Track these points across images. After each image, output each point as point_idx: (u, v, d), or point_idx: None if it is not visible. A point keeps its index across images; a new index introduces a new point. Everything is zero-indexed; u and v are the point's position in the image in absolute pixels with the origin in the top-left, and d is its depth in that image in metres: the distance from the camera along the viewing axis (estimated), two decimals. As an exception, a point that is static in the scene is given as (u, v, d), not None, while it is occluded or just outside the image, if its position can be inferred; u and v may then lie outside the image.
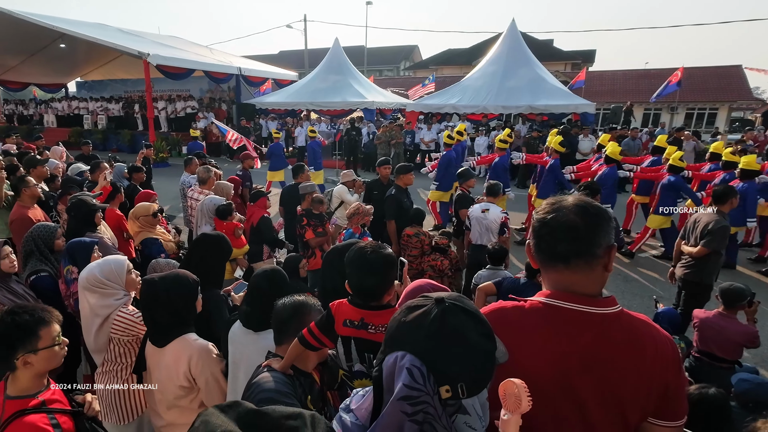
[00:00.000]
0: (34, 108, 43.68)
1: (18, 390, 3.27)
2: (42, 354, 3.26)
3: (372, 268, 3.35)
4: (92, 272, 4.68)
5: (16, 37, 33.21)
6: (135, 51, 28.63)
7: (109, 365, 4.65)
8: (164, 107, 36.52)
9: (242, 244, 8.62)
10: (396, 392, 1.74)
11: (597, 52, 65.55)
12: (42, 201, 8.89)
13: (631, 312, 2.42)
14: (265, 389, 2.85)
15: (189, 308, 4.04)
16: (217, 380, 3.93)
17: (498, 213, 9.24)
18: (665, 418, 2.34)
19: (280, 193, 11.30)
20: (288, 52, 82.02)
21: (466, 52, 63.83)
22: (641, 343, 2.31)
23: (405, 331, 1.90)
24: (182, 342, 3.92)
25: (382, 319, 3.30)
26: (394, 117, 34.06)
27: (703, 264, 8.26)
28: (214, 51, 42.02)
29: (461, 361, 1.81)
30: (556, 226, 2.36)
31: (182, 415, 4.04)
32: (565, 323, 2.34)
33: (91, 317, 4.58)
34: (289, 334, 3.18)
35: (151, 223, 7.81)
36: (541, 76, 28.30)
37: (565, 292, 2.38)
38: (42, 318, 3.33)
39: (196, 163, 12.29)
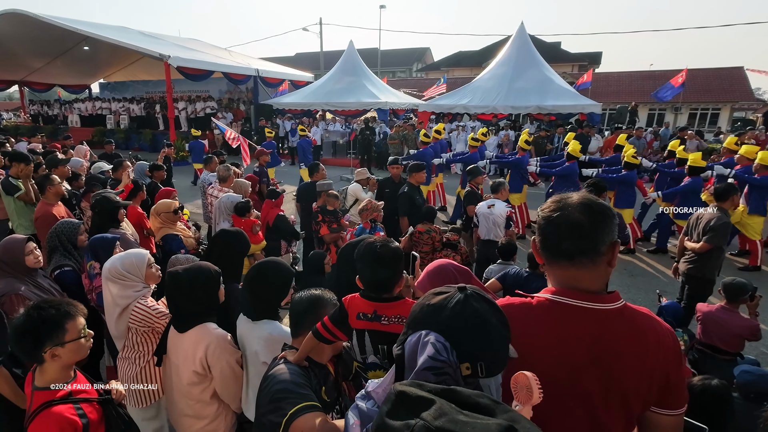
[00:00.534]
0: (59, 108, 43.81)
1: (46, 381, 3.28)
2: (69, 346, 3.28)
3: (383, 260, 3.37)
4: (114, 264, 4.72)
5: (42, 40, 33.30)
6: (156, 53, 28.65)
7: (127, 352, 4.70)
8: (184, 107, 36.51)
9: (259, 240, 8.63)
10: (421, 363, 1.75)
11: (603, 54, 65.28)
12: (65, 199, 8.96)
13: (634, 306, 2.45)
14: (281, 380, 2.84)
15: (211, 297, 4.08)
16: (232, 369, 3.93)
17: (503, 207, 9.34)
18: (667, 407, 2.38)
19: (297, 190, 11.30)
20: (304, 54, 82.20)
21: (476, 54, 63.85)
22: (644, 336, 2.35)
23: (429, 313, 1.94)
24: (202, 329, 3.94)
25: (394, 311, 3.33)
26: (406, 117, 34.06)
27: (705, 259, 8.28)
28: (232, 53, 41.97)
29: (481, 342, 1.84)
30: (561, 224, 2.37)
31: (193, 406, 4.06)
32: (571, 319, 2.36)
33: (113, 306, 4.63)
34: (304, 326, 3.17)
35: (171, 220, 7.82)
36: (549, 78, 28.27)
37: (569, 289, 2.40)
38: (68, 312, 3.35)
39: (216, 162, 12.35)
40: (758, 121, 40.35)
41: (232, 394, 4.00)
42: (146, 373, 4.66)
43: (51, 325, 3.24)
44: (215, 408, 4.07)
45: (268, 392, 2.85)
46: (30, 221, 8.62)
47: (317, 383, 3.00)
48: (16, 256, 5.11)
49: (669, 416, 2.41)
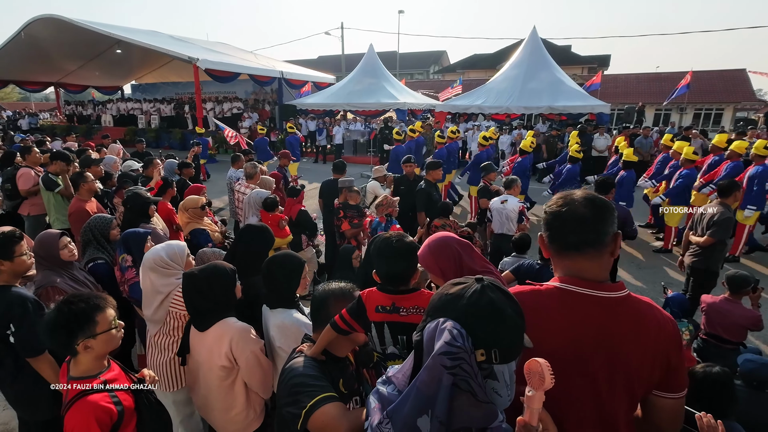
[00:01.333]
0: (93, 109, 43.91)
1: (81, 371, 3.31)
2: (100, 338, 3.30)
3: (400, 254, 3.42)
4: (158, 254, 4.80)
5: (77, 44, 33.50)
6: (185, 56, 28.73)
7: (161, 338, 4.72)
8: (212, 108, 36.68)
9: (286, 234, 8.66)
10: (437, 348, 1.81)
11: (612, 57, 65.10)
12: (98, 195, 9.03)
13: (637, 296, 2.53)
14: (297, 374, 2.85)
15: (228, 295, 4.09)
16: (257, 358, 3.95)
17: (516, 203, 9.43)
18: (668, 390, 2.48)
19: (320, 187, 11.35)
20: (326, 57, 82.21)
21: (490, 56, 63.71)
22: (646, 323, 2.44)
23: (447, 301, 1.99)
24: (223, 325, 3.96)
25: (412, 302, 3.36)
26: (424, 117, 34.02)
27: (709, 253, 8.31)
28: (258, 56, 42.03)
29: (496, 330, 1.88)
30: (568, 218, 2.46)
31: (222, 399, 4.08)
32: (579, 306, 2.44)
33: (153, 294, 4.66)
34: (321, 319, 3.17)
35: (199, 215, 7.86)
36: (560, 79, 28.16)
37: (576, 278, 2.49)
38: (97, 305, 3.37)
39: (243, 160, 12.40)
40: (760, 120, 40.45)
41: (259, 381, 4.01)
42: (175, 366, 4.67)
43: (82, 319, 3.26)
44: (243, 398, 4.09)
45: (286, 385, 2.86)
46: (65, 216, 8.67)
47: (335, 375, 2.99)
48: (51, 250, 5.15)
49: (670, 399, 2.50)
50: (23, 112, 48.22)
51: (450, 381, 1.79)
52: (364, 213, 9.24)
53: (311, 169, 26.98)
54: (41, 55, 34.62)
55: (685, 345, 6.71)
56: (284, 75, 36.70)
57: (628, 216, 8.56)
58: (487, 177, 11.43)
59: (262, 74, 34.92)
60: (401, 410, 1.92)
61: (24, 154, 10.70)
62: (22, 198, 10.08)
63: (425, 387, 1.84)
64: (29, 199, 9.99)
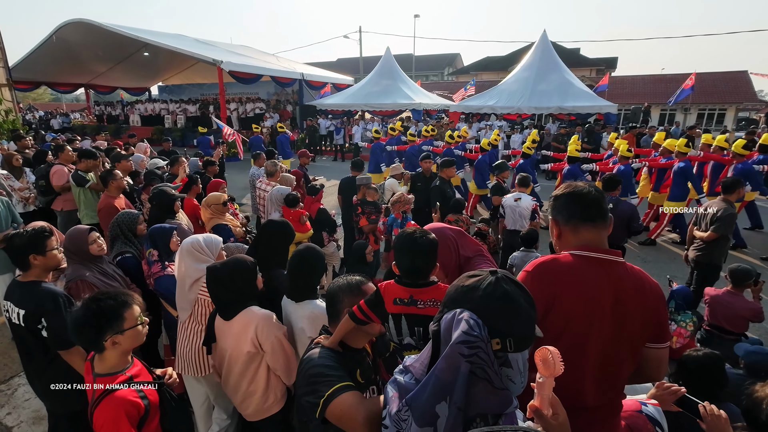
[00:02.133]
0: (121, 109, 44.14)
1: (106, 368, 3.32)
2: (128, 334, 3.31)
3: (422, 249, 3.41)
4: (197, 239, 4.89)
5: (106, 47, 33.79)
6: (210, 59, 28.97)
7: (189, 324, 4.78)
8: (236, 108, 36.91)
9: (307, 229, 8.67)
10: (455, 337, 1.85)
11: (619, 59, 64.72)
12: (127, 192, 9.11)
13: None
14: (315, 364, 2.83)
15: (250, 287, 4.14)
16: (281, 342, 3.99)
17: (529, 201, 9.42)
18: (657, 341, 2.91)
19: (339, 185, 11.39)
20: (345, 60, 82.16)
21: (502, 59, 63.39)
22: (643, 284, 2.88)
23: (463, 293, 2.01)
24: (248, 313, 4.01)
25: (429, 295, 3.36)
26: (438, 117, 34.03)
27: (712, 247, 8.33)
28: (279, 58, 42.19)
29: (510, 320, 1.91)
30: (585, 198, 2.93)
31: (246, 383, 4.12)
32: (595, 269, 2.82)
33: (185, 278, 4.72)
34: (335, 312, 3.17)
35: (221, 211, 7.83)
36: (569, 81, 28.22)
37: (588, 247, 2.89)
38: (125, 301, 3.37)
39: (264, 158, 12.42)
40: (761, 120, 40.50)
41: (283, 365, 4.04)
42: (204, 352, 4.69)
43: (110, 315, 3.27)
44: (265, 383, 4.12)
45: (304, 375, 2.85)
46: (95, 211, 8.72)
47: (352, 366, 2.98)
48: (80, 245, 5.17)
49: (659, 349, 2.93)
50: (55, 113, 48.51)
51: (467, 368, 1.81)
52: (381, 209, 9.28)
53: (330, 167, 27.07)
54: (72, 57, 34.97)
55: (689, 336, 6.73)
56: (305, 77, 36.99)
57: (634, 212, 8.54)
58: (501, 175, 11.44)
59: (283, 76, 35.13)
60: (420, 398, 1.94)
61: (57, 152, 10.81)
62: (56, 194, 10.16)
63: (443, 374, 1.87)
64: (62, 195, 10.06)
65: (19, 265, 4.39)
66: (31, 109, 49.59)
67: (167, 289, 5.21)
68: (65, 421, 4.47)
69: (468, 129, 26.48)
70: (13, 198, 9.80)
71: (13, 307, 4.26)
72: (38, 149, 12.95)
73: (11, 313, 4.27)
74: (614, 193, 8.74)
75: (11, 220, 7.69)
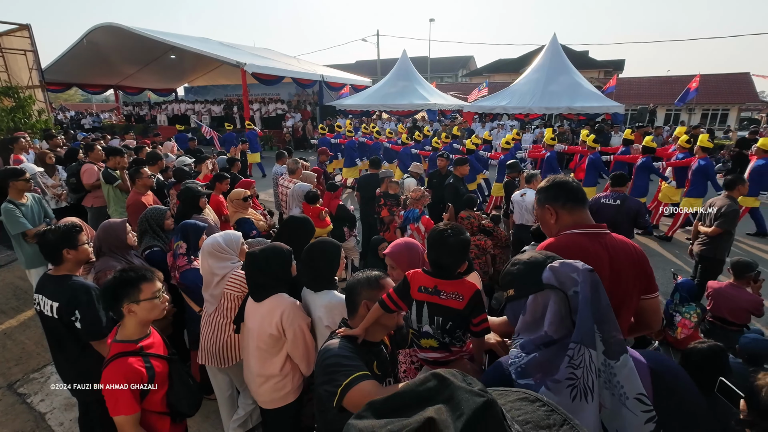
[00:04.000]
0: (148, 109, 44.42)
1: (124, 335, 3.56)
2: (143, 305, 3.53)
3: (450, 249, 3.40)
4: (216, 240, 4.95)
5: (135, 50, 33.99)
6: (234, 61, 29.04)
7: (214, 317, 4.84)
8: (258, 108, 36.93)
9: (326, 225, 8.75)
10: (580, 266, 2.18)
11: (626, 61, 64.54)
12: (157, 188, 9.23)
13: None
14: (332, 354, 2.86)
15: (285, 271, 4.23)
16: (303, 332, 4.01)
17: (534, 196, 9.24)
18: (648, 292, 3.33)
19: (357, 182, 11.50)
20: (363, 62, 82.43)
21: (514, 61, 63.15)
22: (629, 246, 3.30)
23: (532, 266, 2.38)
24: (278, 298, 4.07)
25: (453, 288, 3.36)
26: (453, 117, 34.05)
27: (716, 242, 8.36)
28: (300, 61, 42.25)
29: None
30: (573, 186, 3.42)
31: (265, 365, 4.16)
32: (591, 239, 3.24)
33: (211, 275, 4.82)
34: (357, 303, 3.18)
35: (243, 206, 7.95)
36: (578, 82, 28.15)
37: (583, 224, 3.35)
38: (144, 275, 3.60)
39: (286, 156, 12.48)
40: (762, 120, 40.56)
41: (302, 354, 4.06)
42: (231, 341, 4.80)
43: (128, 285, 3.51)
44: (284, 368, 4.15)
45: (322, 365, 2.86)
46: (124, 208, 8.82)
47: (369, 359, 3.00)
48: (119, 234, 5.40)
49: (652, 299, 3.35)
50: (86, 113, 48.77)
51: (598, 277, 2.15)
52: (401, 201, 9.46)
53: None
54: (102, 60, 35.13)
55: (693, 327, 6.75)
56: (324, 78, 36.98)
57: (641, 208, 8.53)
58: (514, 173, 11.54)
59: (304, 77, 35.06)
60: (585, 326, 2.08)
61: (87, 151, 10.90)
62: (86, 191, 10.23)
63: (589, 293, 2.11)
64: (92, 192, 10.13)
65: (52, 260, 4.46)
66: (62, 109, 49.85)
67: (193, 282, 5.27)
68: (96, 404, 4.50)
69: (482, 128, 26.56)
70: (46, 194, 9.91)
71: (45, 300, 4.31)
72: (70, 147, 13.02)
73: (43, 306, 4.33)
74: (622, 190, 8.69)
75: (44, 216, 7.77)
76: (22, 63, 20.73)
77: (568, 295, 2.15)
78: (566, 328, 2.14)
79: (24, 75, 20.75)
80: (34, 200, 7.68)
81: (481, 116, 31.25)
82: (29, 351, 7.48)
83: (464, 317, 3.32)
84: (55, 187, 10.33)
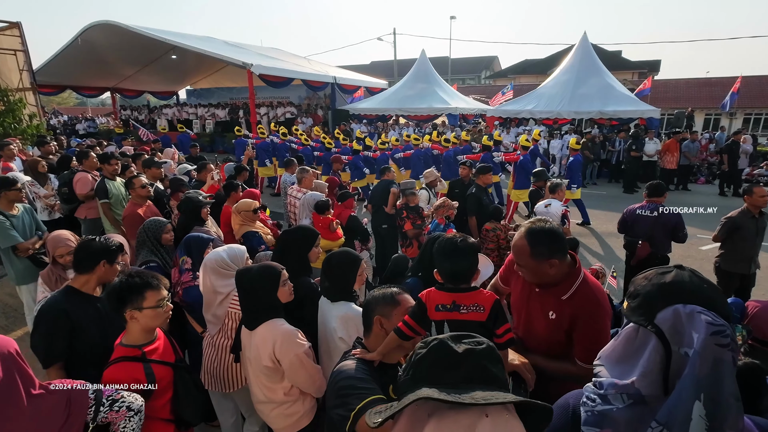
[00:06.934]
0: (147, 113, 44.69)
1: (128, 340, 3.74)
2: (146, 312, 3.69)
3: (464, 253, 3.46)
4: (219, 255, 4.95)
5: (133, 50, 34.10)
6: (240, 62, 29.02)
7: (218, 339, 4.85)
8: (266, 113, 37.04)
9: (337, 237, 8.67)
10: (704, 330, 1.79)
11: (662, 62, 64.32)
12: (157, 198, 9.24)
13: None
14: (346, 376, 2.87)
15: (271, 296, 4.12)
16: (300, 361, 3.97)
17: (559, 206, 9.46)
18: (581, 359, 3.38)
19: (370, 192, 11.49)
20: (379, 63, 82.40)
21: (541, 62, 63.14)
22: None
23: (670, 288, 2.00)
24: (269, 326, 4.03)
25: (471, 300, 3.39)
26: (475, 122, 34.01)
27: (726, 254, 8.64)
28: (311, 61, 42.39)
29: (726, 306, 1.96)
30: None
31: (269, 394, 4.14)
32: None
33: (213, 294, 4.80)
34: (372, 321, 3.23)
35: (251, 219, 7.88)
36: (610, 84, 28.00)
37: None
38: (149, 282, 3.75)
39: (296, 165, 12.46)
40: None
41: (305, 381, 4.05)
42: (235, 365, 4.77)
43: (133, 291, 3.66)
44: (290, 393, 4.12)
45: (335, 388, 2.87)
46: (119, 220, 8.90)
47: (384, 382, 2.99)
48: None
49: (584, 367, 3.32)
50: (80, 117, 49.00)
51: (730, 357, 1.79)
52: (424, 215, 9.43)
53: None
54: (98, 60, 35.34)
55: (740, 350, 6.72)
56: (337, 80, 37.07)
57: (680, 220, 8.51)
58: (538, 183, 11.57)
59: (315, 79, 35.15)
60: (677, 407, 1.78)
61: (81, 159, 10.85)
62: (79, 202, 10.23)
63: (701, 371, 1.77)
64: (86, 203, 10.13)
65: (81, 266, 4.48)
66: (55, 113, 50.16)
67: (196, 299, 5.23)
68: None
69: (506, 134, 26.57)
70: (37, 205, 9.93)
71: None
72: (63, 154, 13.03)
73: None
74: (660, 200, 8.67)
75: (35, 228, 7.79)
76: (11, 64, 20.84)
77: (673, 352, 1.90)
78: (660, 388, 1.93)
79: (14, 76, 20.84)
80: (26, 211, 7.68)
81: (505, 121, 30.91)
82: (19, 374, 7.37)
83: (488, 330, 3.32)
84: (48, 197, 10.28)
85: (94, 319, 4.30)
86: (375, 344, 3.17)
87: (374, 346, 3.16)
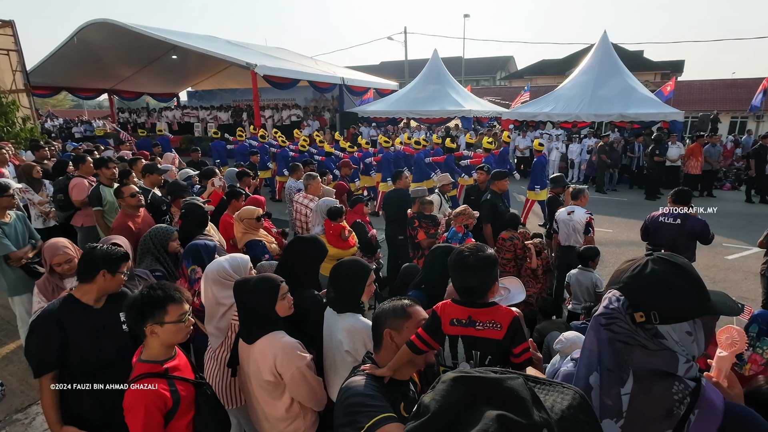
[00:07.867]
0: (146, 116, 44.75)
1: (149, 355, 3.66)
2: (167, 327, 3.61)
3: (472, 269, 3.42)
4: (222, 265, 4.93)
5: (131, 49, 34.14)
6: (243, 62, 29.00)
7: (220, 352, 4.83)
8: (271, 115, 37.10)
9: (348, 246, 8.53)
10: (596, 312, 2.29)
11: (685, 63, 64.26)
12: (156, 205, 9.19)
13: None
14: (355, 393, 2.83)
15: (268, 309, 4.11)
16: (302, 374, 3.97)
17: (583, 214, 9.27)
18: None
19: (384, 198, 11.45)
20: (389, 63, 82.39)
21: (559, 62, 63.08)
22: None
23: (616, 276, 2.37)
24: (269, 339, 4.02)
25: (488, 316, 3.39)
26: (490, 125, 33.95)
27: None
28: (318, 62, 42.51)
29: (654, 295, 2.17)
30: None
31: (270, 411, 4.14)
32: None
33: (216, 306, 4.79)
34: (381, 334, 3.18)
35: (254, 227, 7.83)
36: (631, 86, 27.86)
37: None
38: (172, 296, 3.68)
39: (302, 170, 12.31)
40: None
41: (306, 396, 4.05)
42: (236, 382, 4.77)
43: (155, 305, 3.59)
44: (290, 409, 4.11)
45: (343, 405, 2.84)
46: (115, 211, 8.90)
47: (395, 398, 2.97)
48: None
49: None
50: (76, 120, 49.03)
51: (606, 335, 2.19)
52: (439, 222, 9.35)
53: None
54: (95, 61, 35.38)
55: (764, 363, 6.64)
56: (345, 81, 37.07)
57: (705, 226, 8.46)
58: (556, 189, 11.39)
59: (322, 81, 35.17)
60: (578, 374, 2.34)
61: (77, 164, 10.85)
62: (75, 208, 10.19)
63: (589, 344, 2.29)
64: (82, 210, 10.07)
65: (82, 275, 4.47)
66: (50, 116, 50.20)
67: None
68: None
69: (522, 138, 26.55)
70: (31, 212, 9.96)
71: None
72: (58, 159, 12.99)
73: None
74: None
75: (28, 237, 7.76)
76: (4, 64, 20.88)
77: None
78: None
79: (7, 78, 20.88)
80: (18, 219, 7.64)
81: (521, 124, 30.62)
82: (12, 389, 7.38)
83: (505, 349, 3.31)
84: (42, 204, 10.27)
85: (89, 331, 4.27)
86: (385, 359, 3.12)
87: (385, 361, 3.11)
